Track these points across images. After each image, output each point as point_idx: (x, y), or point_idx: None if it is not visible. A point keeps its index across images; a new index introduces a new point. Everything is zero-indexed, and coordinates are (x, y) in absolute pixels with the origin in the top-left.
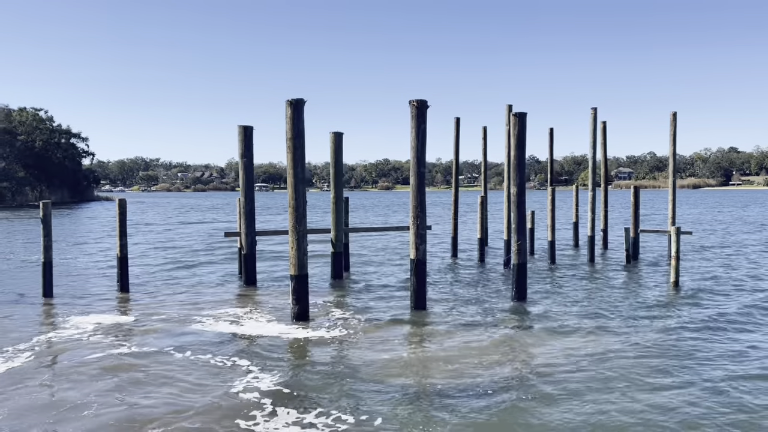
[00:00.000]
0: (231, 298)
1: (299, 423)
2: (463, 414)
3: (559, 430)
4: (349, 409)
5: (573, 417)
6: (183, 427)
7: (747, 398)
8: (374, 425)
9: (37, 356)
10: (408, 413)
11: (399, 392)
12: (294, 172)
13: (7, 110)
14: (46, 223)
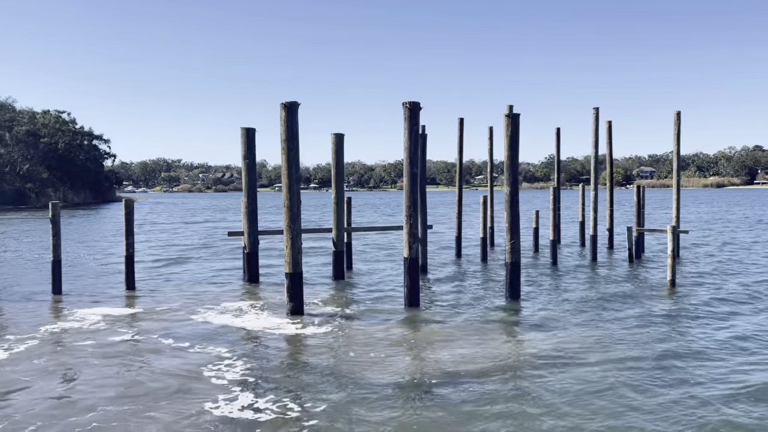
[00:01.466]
0: (232, 295)
1: (251, 406)
2: (423, 405)
3: (535, 421)
4: (302, 396)
5: (551, 411)
6: (150, 404)
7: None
8: (315, 412)
9: (41, 342)
10: (350, 402)
11: (357, 382)
12: (288, 172)
13: (31, 113)
14: (54, 222)
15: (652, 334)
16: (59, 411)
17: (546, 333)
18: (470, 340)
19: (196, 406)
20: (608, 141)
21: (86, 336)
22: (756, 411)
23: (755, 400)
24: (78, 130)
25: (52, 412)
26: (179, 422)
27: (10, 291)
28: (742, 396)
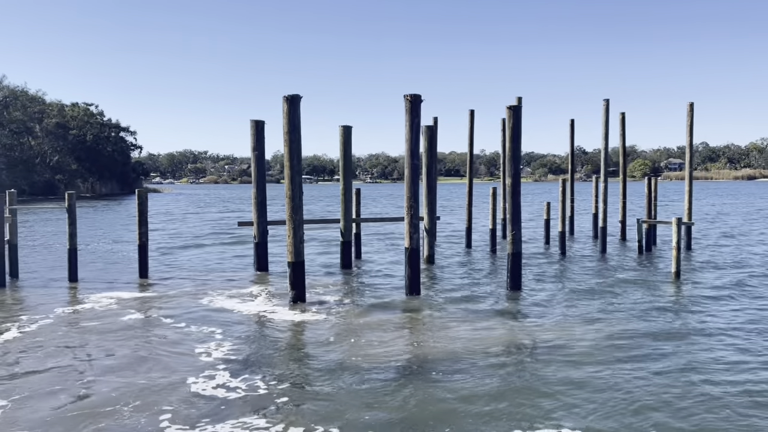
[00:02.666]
0: (240, 282)
1: (224, 384)
2: (392, 388)
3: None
4: (276, 375)
5: (538, 393)
6: (141, 377)
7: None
8: (282, 389)
9: (54, 322)
10: (327, 383)
11: (340, 363)
12: (290, 164)
13: (60, 105)
14: (71, 212)
15: (645, 324)
16: (57, 377)
17: (541, 321)
18: (464, 327)
19: (178, 378)
20: (621, 133)
21: (95, 317)
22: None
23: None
24: (105, 122)
25: (53, 378)
26: (158, 392)
27: (31, 278)
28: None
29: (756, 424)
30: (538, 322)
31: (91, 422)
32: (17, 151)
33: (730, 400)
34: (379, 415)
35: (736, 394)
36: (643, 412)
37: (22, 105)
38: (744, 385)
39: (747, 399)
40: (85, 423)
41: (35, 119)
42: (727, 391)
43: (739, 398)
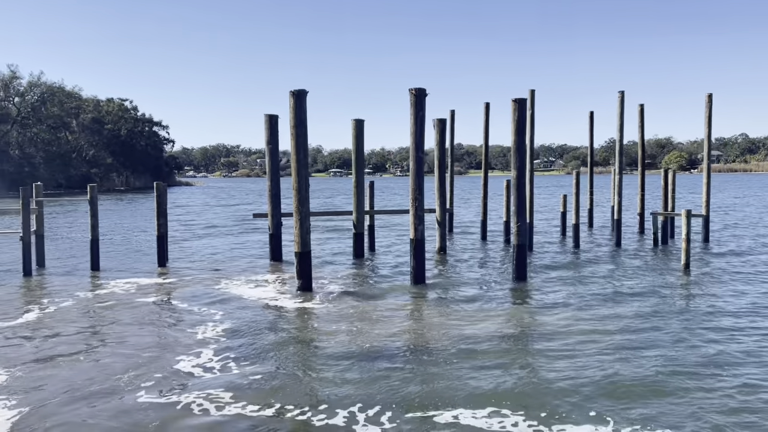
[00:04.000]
0: (253, 271)
1: (204, 364)
2: (395, 369)
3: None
4: (263, 358)
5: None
6: (146, 350)
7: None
8: (263, 371)
9: (72, 305)
10: (306, 364)
11: (329, 348)
12: (297, 157)
13: (95, 101)
14: (92, 204)
15: (645, 317)
16: (62, 349)
17: (541, 311)
18: (462, 316)
19: (168, 354)
20: (640, 125)
21: (109, 300)
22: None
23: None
24: (139, 117)
25: (56, 349)
26: (146, 365)
27: (56, 267)
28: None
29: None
30: (535, 313)
31: (77, 386)
32: (55, 145)
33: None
34: (350, 393)
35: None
36: (628, 397)
37: (59, 101)
38: (739, 379)
39: (736, 399)
40: (72, 386)
41: (72, 115)
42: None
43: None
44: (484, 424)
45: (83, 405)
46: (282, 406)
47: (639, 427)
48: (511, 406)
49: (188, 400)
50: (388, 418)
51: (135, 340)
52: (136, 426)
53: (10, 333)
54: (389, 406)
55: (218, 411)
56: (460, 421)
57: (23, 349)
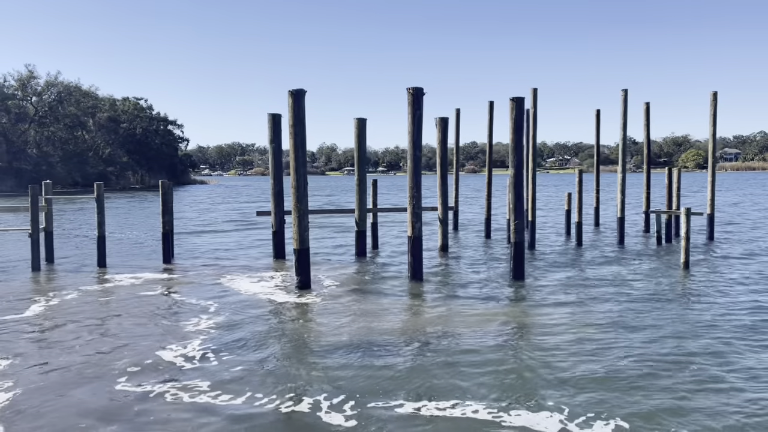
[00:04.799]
0: (255, 268)
1: (186, 354)
2: (381, 363)
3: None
4: (247, 352)
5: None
6: (136, 339)
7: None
8: (249, 363)
9: (74, 298)
10: (292, 361)
11: (308, 344)
12: (295, 156)
13: (111, 100)
14: (99, 202)
15: (638, 314)
16: (57, 337)
17: (532, 309)
18: (453, 312)
19: (157, 345)
20: (645, 123)
21: (111, 294)
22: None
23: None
24: (154, 116)
25: (52, 338)
26: (133, 353)
27: (65, 263)
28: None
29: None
30: (526, 311)
31: (64, 372)
32: (71, 144)
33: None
34: (321, 383)
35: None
36: (612, 390)
37: (75, 100)
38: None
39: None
40: (59, 372)
41: (88, 114)
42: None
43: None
44: (448, 413)
45: (65, 389)
46: (252, 395)
47: (594, 418)
48: (477, 397)
49: (162, 389)
50: (351, 406)
51: (128, 330)
52: (106, 411)
53: (13, 323)
54: (354, 395)
55: (190, 399)
56: (421, 412)
57: (22, 337)
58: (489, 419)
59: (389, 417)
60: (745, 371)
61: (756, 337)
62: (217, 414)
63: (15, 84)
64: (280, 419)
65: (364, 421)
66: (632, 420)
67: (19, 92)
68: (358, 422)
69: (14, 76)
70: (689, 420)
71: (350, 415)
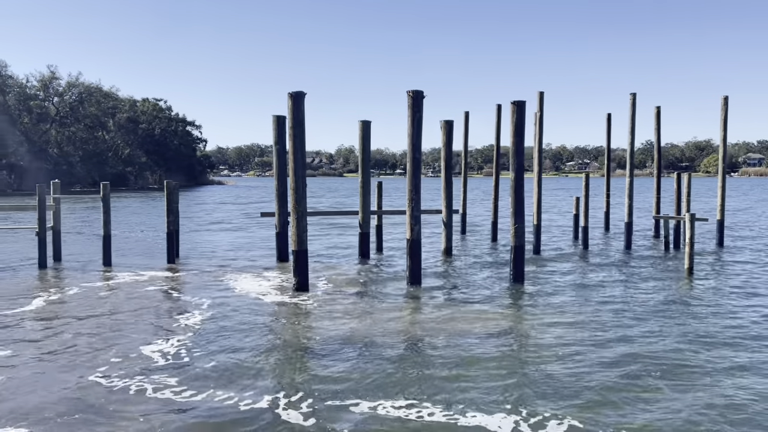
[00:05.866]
0: (257, 269)
1: (171, 350)
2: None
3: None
4: (224, 349)
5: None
6: (122, 333)
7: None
8: (223, 360)
9: (74, 295)
10: (268, 360)
11: (289, 344)
12: (294, 157)
13: (131, 101)
14: (105, 202)
15: (632, 319)
16: (51, 330)
17: (527, 312)
18: (447, 315)
19: (142, 339)
20: (656, 128)
21: (110, 291)
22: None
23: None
24: (173, 116)
25: (45, 331)
26: (115, 347)
27: (72, 261)
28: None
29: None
30: (521, 314)
31: (47, 363)
32: (91, 144)
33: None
34: (289, 382)
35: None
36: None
37: (96, 101)
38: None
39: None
40: (42, 363)
41: (108, 114)
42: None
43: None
44: (402, 414)
45: (44, 377)
46: (213, 392)
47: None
48: (453, 401)
49: (130, 382)
50: (308, 404)
51: (118, 325)
52: (74, 399)
53: (12, 317)
54: (313, 393)
55: (154, 393)
56: (378, 412)
57: (17, 330)
58: (469, 424)
59: (345, 418)
60: (733, 380)
61: (754, 344)
62: (173, 408)
63: (37, 84)
64: (236, 415)
65: (322, 419)
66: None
67: (41, 93)
68: (316, 420)
69: (36, 76)
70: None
71: (308, 413)
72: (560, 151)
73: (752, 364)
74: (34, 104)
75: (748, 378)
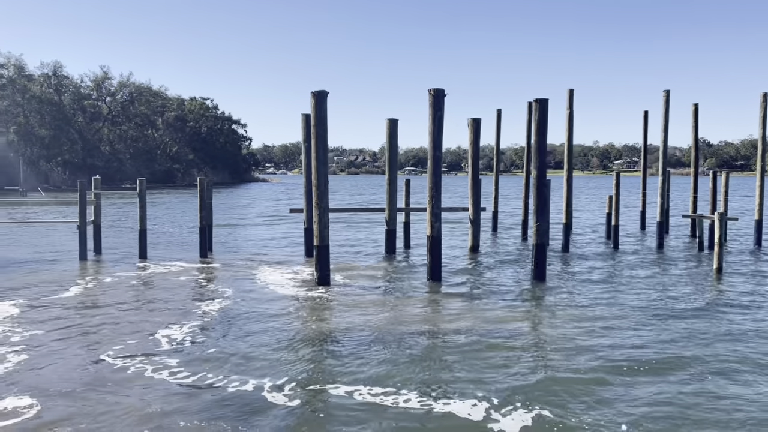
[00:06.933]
0: (285, 264)
1: (180, 336)
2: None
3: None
4: (232, 335)
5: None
6: (141, 316)
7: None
8: (256, 358)
9: (115, 281)
10: (271, 348)
11: (297, 334)
12: (317, 155)
13: (179, 100)
14: (141, 197)
15: (650, 318)
16: (77, 313)
17: (544, 310)
18: (459, 311)
19: (158, 322)
20: (693, 125)
21: (141, 280)
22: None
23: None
24: (219, 115)
25: (74, 314)
26: (131, 329)
27: (111, 254)
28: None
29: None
30: (537, 312)
31: (64, 342)
32: (141, 142)
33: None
34: (281, 368)
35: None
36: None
37: (146, 100)
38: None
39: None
40: (60, 342)
41: (157, 113)
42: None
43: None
44: (381, 401)
45: (62, 355)
46: (205, 374)
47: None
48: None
49: (133, 362)
50: (291, 388)
51: (140, 310)
52: (84, 376)
53: (49, 302)
54: (304, 380)
55: (153, 373)
56: (355, 398)
57: (51, 313)
58: (476, 419)
59: (327, 399)
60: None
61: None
62: (165, 386)
63: (91, 84)
64: (221, 395)
65: (306, 403)
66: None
67: (94, 92)
68: (305, 402)
69: (90, 77)
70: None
71: (291, 395)
72: (608, 149)
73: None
74: (87, 104)
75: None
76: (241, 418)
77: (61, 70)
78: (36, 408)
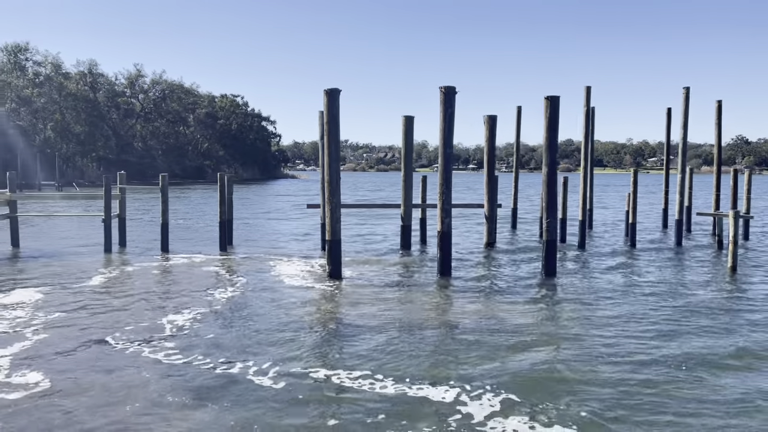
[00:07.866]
0: (301, 258)
1: (184, 322)
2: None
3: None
4: (233, 323)
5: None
6: (151, 302)
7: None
8: (250, 342)
9: (136, 271)
10: (267, 336)
11: (298, 323)
12: (329, 151)
13: (210, 97)
14: (163, 192)
15: (659, 316)
16: (116, 295)
17: (549, 306)
18: (467, 306)
19: (168, 308)
20: (717, 122)
21: (159, 271)
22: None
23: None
24: (249, 112)
25: (91, 298)
26: (140, 315)
27: (135, 246)
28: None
29: None
30: (542, 308)
31: (77, 324)
32: (173, 138)
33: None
34: (275, 354)
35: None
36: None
37: (177, 97)
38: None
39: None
40: (75, 325)
41: (189, 110)
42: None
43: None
44: (358, 385)
45: (70, 336)
46: (196, 356)
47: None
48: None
49: (135, 346)
50: (276, 371)
51: (154, 298)
52: (86, 355)
53: (70, 290)
54: (281, 362)
55: (149, 354)
56: (343, 382)
57: (71, 300)
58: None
59: (309, 382)
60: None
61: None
62: (159, 366)
63: (125, 82)
64: (206, 376)
65: (290, 386)
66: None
67: (128, 90)
68: (286, 384)
69: (124, 74)
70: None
71: (275, 377)
72: (642, 147)
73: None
74: (121, 101)
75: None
76: (226, 396)
77: (96, 68)
78: (46, 383)
